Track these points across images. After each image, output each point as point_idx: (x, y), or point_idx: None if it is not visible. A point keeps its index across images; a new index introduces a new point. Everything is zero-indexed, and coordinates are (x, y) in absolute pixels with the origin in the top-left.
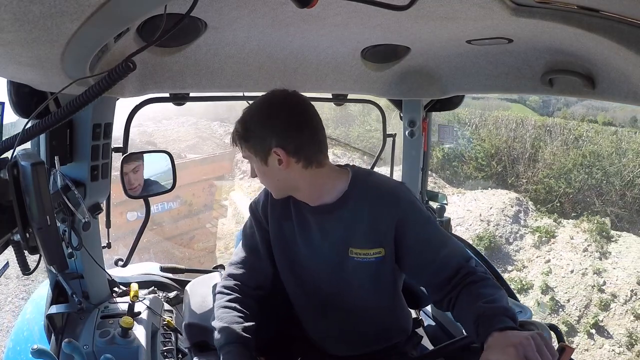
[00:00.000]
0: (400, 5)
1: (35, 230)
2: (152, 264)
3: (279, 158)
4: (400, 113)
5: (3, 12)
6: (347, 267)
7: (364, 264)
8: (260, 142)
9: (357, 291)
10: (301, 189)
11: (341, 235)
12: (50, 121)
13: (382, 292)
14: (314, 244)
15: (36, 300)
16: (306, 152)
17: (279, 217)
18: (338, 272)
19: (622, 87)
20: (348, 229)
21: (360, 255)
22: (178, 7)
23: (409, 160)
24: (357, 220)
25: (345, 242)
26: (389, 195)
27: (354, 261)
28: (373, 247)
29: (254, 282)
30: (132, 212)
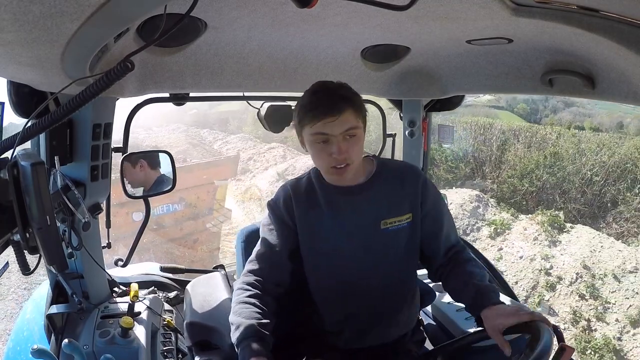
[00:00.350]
0: (400, 5)
1: (35, 230)
2: (152, 264)
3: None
4: (400, 113)
5: (3, 12)
6: (380, 240)
7: (397, 231)
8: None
9: (389, 261)
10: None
11: (373, 211)
12: (49, 120)
13: (411, 261)
14: (347, 223)
15: (36, 300)
16: None
17: (306, 207)
18: (370, 247)
19: (622, 87)
20: (379, 204)
21: (393, 224)
22: (178, 7)
23: (409, 160)
24: (387, 195)
25: (376, 217)
26: (412, 169)
27: (386, 232)
28: (404, 213)
29: (273, 278)
30: (137, 212)
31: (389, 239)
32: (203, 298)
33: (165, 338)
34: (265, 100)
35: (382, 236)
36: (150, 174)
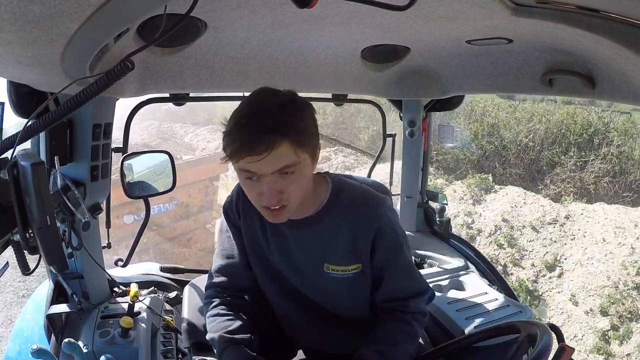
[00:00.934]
0: (400, 5)
1: (35, 230)
2: (152, 264)
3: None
4: (400, 113)
5: (3, 12)
6: (323, 280)
7: (341, 280)
8: (311, 139)
9: (334, 301)
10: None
11: (317, 251)
12: (48, 119)
13: (360, 304)
14: (289, 255)
15: (36, 300)
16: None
17: (252, 222)
18: (314, 283)
19: (622, 87)
20: (325, 244)
21: (337, 271)
22: (178, 7)
23: (409, 160)
24: (335, 236)
25: (321, 258)
26: (369, 208)
27: (329, 276)
28: (351, 263)
29: (237, 287)
30: (128, 215)
31: (333, 283)
32: (202, 299)
33: (165, 338)
34: None
35: (325, 279)
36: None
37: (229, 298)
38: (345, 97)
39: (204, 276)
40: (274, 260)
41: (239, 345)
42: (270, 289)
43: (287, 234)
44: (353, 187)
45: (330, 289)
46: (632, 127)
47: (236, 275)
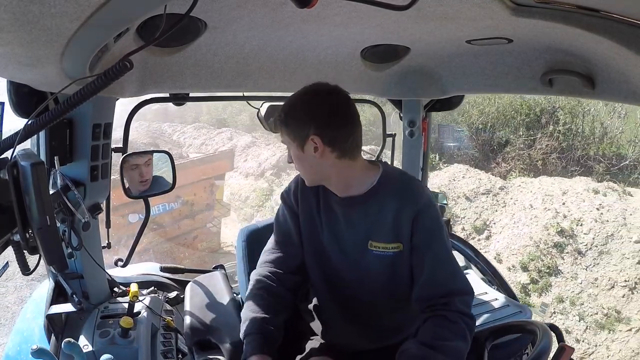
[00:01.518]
0: (400, 5)
1: (35, 230)
2: (152, 264)
3: (315, 146)
4: (400, 113)
5: (3, 12)
6: (366, 259)
7: (382, 257)
8: (300, 128)
9: (374, 282)
10: (332, 178)
11: (364, 228)
12: (47, 118)
13: (398, 285)
14: (338, 234)
15: (36, 300)
16: (342, 144)
17: (309, 206)
18: (357, 263)
19: (622, 87)
20: (371, 222)
21: (379, 249)
22: (178, 7)
23: (409, 160)
24: (381, 215)
25: (366, 235)
26: (412, 193)
27: (372, 254)
28: (393, 241)
29: (288, 267)
30: (133, 214)
31: (375, 262)
32: (203, 298)
33: (165, 338)
34: (265, 100)
35: (369, 256)
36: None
37: (277, 285)
38: None
39: (204, 276)
40: (324, 240)
41: (266, 337)
42: (315, 272)
43: (339, 212)
44: (402, 172)
45: (372, 268)
46: (578, 106)
47: (289, 254)
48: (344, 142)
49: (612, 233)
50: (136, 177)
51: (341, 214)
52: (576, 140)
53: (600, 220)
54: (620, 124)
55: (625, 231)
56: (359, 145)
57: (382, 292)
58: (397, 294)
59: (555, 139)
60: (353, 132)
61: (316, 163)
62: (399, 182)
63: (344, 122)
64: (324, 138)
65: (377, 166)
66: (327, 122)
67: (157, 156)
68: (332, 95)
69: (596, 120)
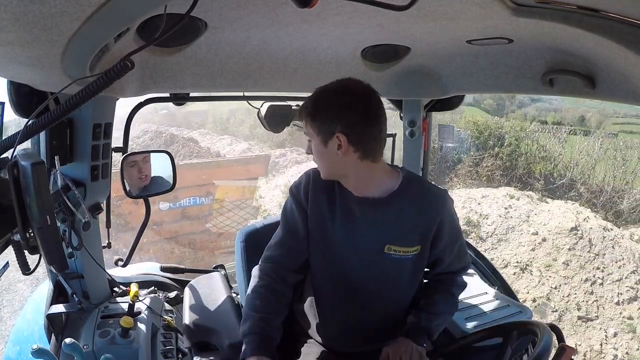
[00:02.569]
0: (400, 5)
1: (35, 230)
2: (152, 264)
3: (339, 143)
4: (400, 113)
5: (3, 12)
6: (382, 262)
7: (402, 260)
8: (327, 123)
9: (388, 284)
10: (350, 177)
11: (383, 231)
12: (49, 118)
13: (412, 285)
14: (354, 233)
15: (36, 300)
16: (367, 145)
17: (319, 202)
18: (372, 265)
19: (622, 87)
20: (389, 226)
21: (398, 253)
22: (178, 7)
23: (409, 160)
24: (401, 220)
25: (383, 239)
26: (436, 201)
27: (389, 257)
28: (413, 245)
29: (291, 264)
30: (164, 202)
31: (391, 265)
32: (202, 299)
33: (166, 338)
34: (265, 100)
35: (384, 260)
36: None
37: (279, 282)
38: None
39: (204, 276)
40: (337, 239)
41: (266, 337)
42: (320, 269)
43: (357, 211)
44: (422, 180)
45: (387, 271)
46: (521, 131)
47: (293, 251)
48: (369, 143)
49: (513, 226)
50: (135, 173)
51: (359, 213)
52: (519, 161)
53: (505, 217)
54: (559, 148)
55: (526, 226)
56: (382, 147)
57: (389, 295)
58: (409, 292)
59: (499, 159)
60: (379, 135)
61: (338, 160)
62: (421, 189)
63: (372, 124)
64: (350, 138)
65: (397, 171)
66: (356, 122)
67: (158, 156)
68: (364, 96)
69: (537, 144)
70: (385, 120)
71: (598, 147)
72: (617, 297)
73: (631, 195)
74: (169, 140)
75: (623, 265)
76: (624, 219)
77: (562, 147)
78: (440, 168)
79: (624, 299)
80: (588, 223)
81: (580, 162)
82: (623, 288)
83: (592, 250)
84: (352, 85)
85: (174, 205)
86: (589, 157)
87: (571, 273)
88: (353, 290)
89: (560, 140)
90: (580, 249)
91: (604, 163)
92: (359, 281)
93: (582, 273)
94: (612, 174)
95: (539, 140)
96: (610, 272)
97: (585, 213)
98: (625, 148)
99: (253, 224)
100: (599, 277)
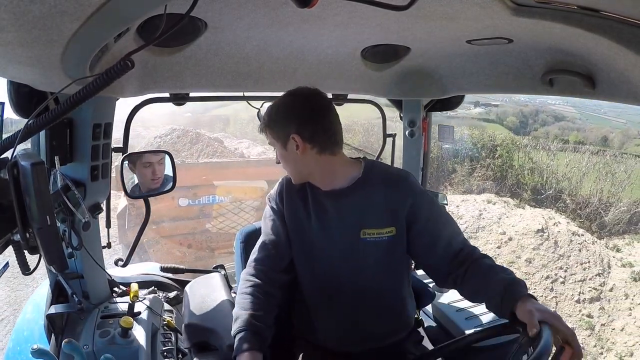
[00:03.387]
0: (400, 5)
1: (35, 230)
2: (152, 264)
3: (296, 143)
4: (400, 113)
5: (3, 12)
6: (360, 248)
7: (377, 243)
8: (282, 128)
9: (370, 271)
10: (315, 174)
11: (355, 218)
12: (47, 118)
13: (394, 272)
14: (329, 226)
15: (36, 300)
16: (320, 139)
17: (295, 206)
18: (351, 254)
19: (622, 87)
20: (361, 211)
21: (373, 235)
22: (178, 7)
23: (409, 160)
24: (371, 203)
25: (358, 225)
26: (400, 178)
27: (366, 242)
28: (386, 226)
29: (276, 266)
30: (183, 198)
31: (368, 250)
32: (202, 299)
33: (166, 338)
34: (265, 100)
35: (362, 245)
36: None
37: (266, 283)
38: (345, 97)
39: (204, 276)
40: (315, 237)
41: (257, 334)
42: (305, 269)
43: (328, 204)
44: (384, 165)
45: (366, 257)
46: (511, 144)
47: (278, 252)
48: (322, 137)
49: (483, 226)
50: (149, 174)
51: (330, 206)
52: (509, 172)
53: (477, 217)
54: (548, 160)
55: (496, 227)
56: (338, 141)
57: (376, 282)
58: (392, 281)
59: (491, 170)
60: (330, 129)
61: (299, 160)
62: (386, 173)
63: (320, 119)
64: (304, 135)
65: (360, 161)
66: (306, 120)
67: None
68: (310, 97)
69: (527, 156)
70: (335, 116)
71: (586, 161)
72: (578, 296)
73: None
74: (195, 139)
75: (588, 267)
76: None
77: (549, 159)
78: (436, 177)
79: (585, 297)
80: (557, 227)
81: (568, 174)
82: (585, 288)
83: (556, 252)
84: (299, 91)
85: (192, 202)
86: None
87: (532, 270)
88: (339, 286)
89: (549, 153)
90: (544, 249)
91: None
92: (343, 274)
93: (543, 271)
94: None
95: (530, 153)
96: (574, 273)
97: (557, 218)
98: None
99: (252, 225)
100: (561, 276)
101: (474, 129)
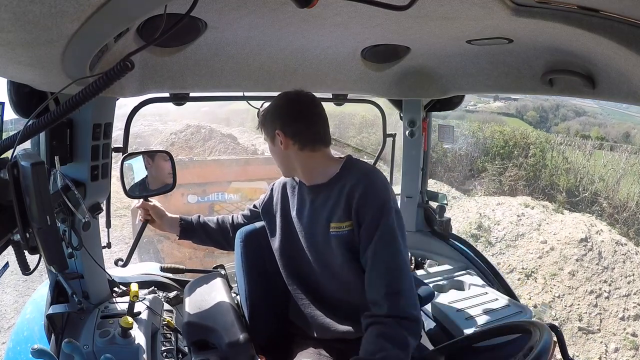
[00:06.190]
0: (400, 5)
1: (35, 230)
2: (152, 263)
3: (280, 139)
4: (400, 113)
5: (3, 12)
6: (329, 242)
7: (339, 237)
8: (270, 125)
9: (339, 265)
10: (297, 168)
11: (326, 212)
12: (48, 119)
13: (354, 269)
14: (307, 220)
15: (36, 300)
16: (302, 136)
17: (286, 194)
18: (322, 247)
19: (622, 87)
20: (330, 206)
21: (336, 229)
22: (178, 7)
23: (409, 160)
24: (338, 199)
25: (327, 219)
26: (364, 177)
27: (332, 236)
28: (345, 219)
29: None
30: (192, 195)
31: (334, 243)
32: (201, 298)
33: (166, 338)
34: (265, 100)
35: (328, 239)
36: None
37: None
38: (345, 97)
39: (204, 276)
40: (294, 227)
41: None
42: (292, 271)
43: (307, 199)
44: (362, 163)
45: (332, 251)
46: (545, 142)
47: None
48: (303, 134)
49: (523, 233)
50: (167, 168)
51: (310, 200)
52: (543, 172)
53: (516, 224)
54: (583, 161)
55: (537, 234)
56: (321, 139)
57: (346, 278)
58: (355, 284)
59: (523, 169)
60: (312, 127)
61: (284, 155)
62: (357, 169)
63: (302, 118)
64: (286, 132)
65: (342, 158)
66: (289, 118)
67: (159, 156)
68: (295, 97)
69: (562, 156)
70: (317, 116)
71: (624, 161)
72: (623, 313)
73: None
74: (207, 136)
75: (633, 281)
76: None
77: (585, 159)
78: (463, 175)
79: (630, 315)
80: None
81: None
82: (630, 304)
83: (600, 263)
84: (288, 94)
85: (202, 199)
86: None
87: (576, 284)
88: (316, 278)
89: (585, 153)
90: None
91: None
92: (318, 267)
93: (587, 285)
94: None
95: (565, 153)
96: (619, 287)
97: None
98: None
99: (252, 225)
100: (606, 290)
101: (503, 126)
